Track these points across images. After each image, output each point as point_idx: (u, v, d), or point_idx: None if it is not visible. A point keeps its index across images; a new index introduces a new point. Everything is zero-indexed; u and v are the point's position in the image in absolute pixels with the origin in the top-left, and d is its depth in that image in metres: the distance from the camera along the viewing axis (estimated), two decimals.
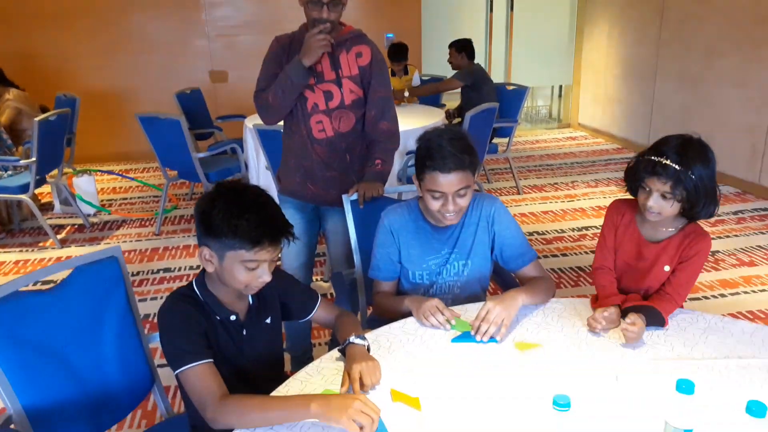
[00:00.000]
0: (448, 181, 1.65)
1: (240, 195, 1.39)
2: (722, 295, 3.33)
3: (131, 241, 4.34)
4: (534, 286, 1.74)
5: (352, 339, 1.45)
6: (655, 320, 1.55)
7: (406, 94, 5.20)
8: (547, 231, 4.25)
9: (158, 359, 1.97)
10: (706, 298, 3.31)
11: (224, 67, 6.76)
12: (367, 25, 6.82)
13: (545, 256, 3.89)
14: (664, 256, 1.66)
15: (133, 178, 5.95)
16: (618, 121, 6.99)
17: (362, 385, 1.32)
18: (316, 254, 2.61)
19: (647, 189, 1.58)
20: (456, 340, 1.53)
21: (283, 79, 2.17)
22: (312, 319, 1.66)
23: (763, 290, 3.37)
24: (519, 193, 5.15)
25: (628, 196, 1.73)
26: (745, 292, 3.36)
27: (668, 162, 1.52)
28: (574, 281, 3.53)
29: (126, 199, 5.37)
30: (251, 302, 1.52)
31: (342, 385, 1.34)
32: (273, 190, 4.12)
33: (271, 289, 1.50)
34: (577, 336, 1.54)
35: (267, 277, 1.41)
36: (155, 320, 3.13)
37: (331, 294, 3.27)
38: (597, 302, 1.67)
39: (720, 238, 4.12)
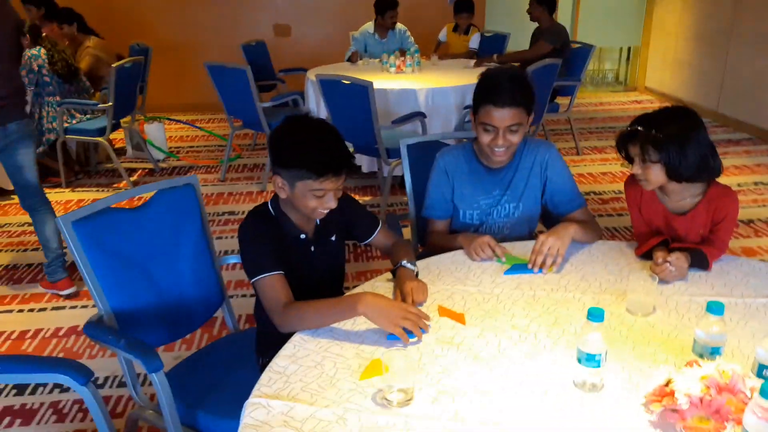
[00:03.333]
0: (500, 115, 1.72)
1: (308, 128, 1.51)
2: None
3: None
4: (584, 223, 1.80)
5: (404, 263, 1.58)
6: (700, 262, 1.59)
7: (495, 59, 4.96)
8: (604, 191, 4.23)
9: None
10: (764, 261, 3.26)
11: (288, 21, 6.87)
12: None
13: (601, 215, 3.89)
14: (694, 226, 1.68)
15: (200, 128, 6.20)
16: (687, 86, 6.75)
17: (412, 300, 1.44)
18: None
19: (631, 158, 1.64)
20: (509, 272, 1.62)
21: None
22: (373, 244, 1.79)
23: None
24: (578, 154, 5.11)
25: None
26: None
27: (637, 127, 1.60)
28: (629, 240, 3.53)
29: (193, 147, 5.63)
30: (318, 222, 1.66)
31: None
32: None
33: (338, 210, 1.61)
34: (620, 272, 1.61)
35: (333, 204, 1.53)
36: (222, 255, 3.35)
37: None
38: (640, 248, 1.71)
39: None
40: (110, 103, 4.28)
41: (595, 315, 1.10)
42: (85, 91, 4.63)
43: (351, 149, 3.99)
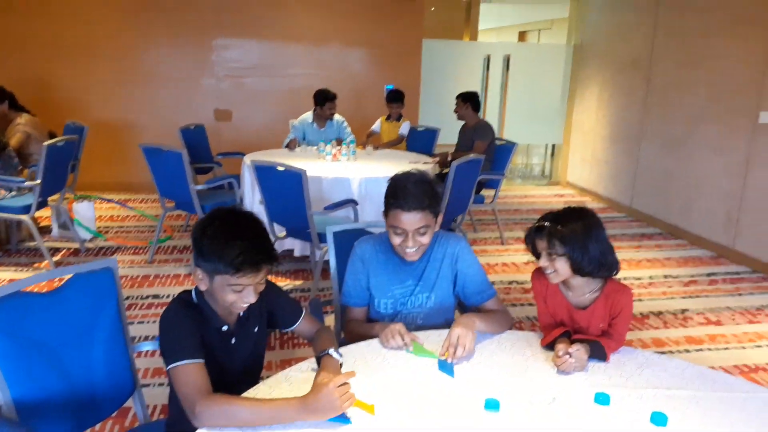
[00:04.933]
0: (408, 219, 1.82)
1: (230, 223, 1.53)
2: (687, 351, 3.47)
3: (123, 268, 4.47)
4: (490, 315, 1.90)
5: (331, 351, 1.60)
6: (599, 354, 1.70)
7: (450, 159, 5.18)
8: (526, 281, 4.41)
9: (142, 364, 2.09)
10: (671, 352, 3.45)
11: (229, 106, 7.03)
12: (372, 77, 7.22)
13: (522, 305, 4.03)
14: (594, 320, 1.80)
15: (131, 208, 6.12)
16: (604, 182, 7.25)
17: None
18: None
19: (538, 252, 1.78)
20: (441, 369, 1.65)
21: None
22: (295, 331, 1.80)
23: (727, 348, 3.51)
24: (503, 244, 5.33)
25: None
26: (709, 349, 3.50)
27: (544, 223, 1.75)
28: None
29: (123, 227, 5.53)
30: (241, 312, 1.67)
31: None
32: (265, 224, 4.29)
33: (260, 299, 1.63)
34: (525, 362, 1.69)
35: (252, 299, 1.55)
36: (141, 340, 3.25)
37: None
38: (545, 339, 1.81)
39: (691, 297, 4.28)
40: (38, 181, 4.20)
41: (492, 405, 1.16)
42: (13, 168, 4.54)
43: (283, 234, 4.05)
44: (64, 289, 1.72)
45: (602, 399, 1.20)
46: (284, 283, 4.27)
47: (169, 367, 1.48)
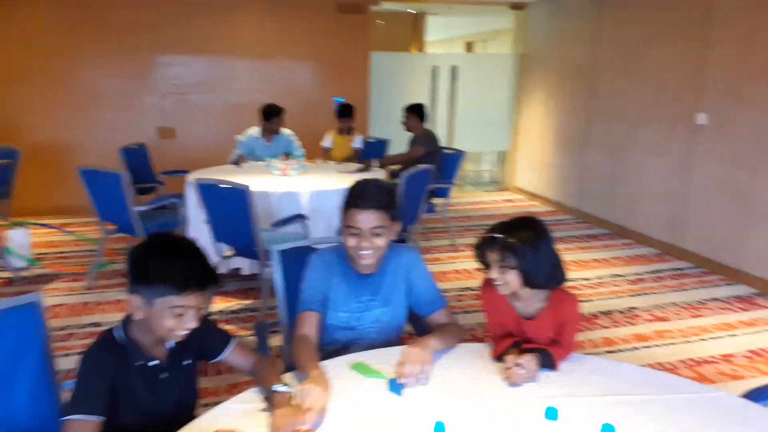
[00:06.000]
0: (364, 218, 1.79)
1: (170, 244, 1.49)
2: (636, 348, 3.52)
3: (61, 295, 4.26)
4: (443, 332, 1.86)
5: (278, 387, 1.50)
6: (549, 363, 1.68)
7: (376, 165, 5.19)
8: (478, 287, 4.41)
9: None
10: (621, 351, 3.50)
11: (173, 123, 6.86)
12: (320, 90, 7.17)
13: (475, 311, 4.03)
14: (542, 330, 1.79)
15: (69, 232, 5.86)
16: (552, 186, 7.37)
17: None
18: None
19: (489, 263, 1.75)
20: (390, 388, 1.59)
21: None
22: (226, 360, 1.71)
23: (673, 343, 3.59)
24: (455, 251, 5.33)
25: None
26: (657, 346, 3.56)
27: (495, 234, 1.72)
28: None
29: (61, 253, 5.29)
30: (171, 344, 1.58)
31: None
32: (209, 245, 4.16)
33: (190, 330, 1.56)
34: (476, 376, 1.66)
35: (193, 324, 1.48)
36: None
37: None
38: (495, 350, 1.78)
39: (638, 295, 4.36)
40: None
41: (550, 414, 1.13)
42: None
43: (231, 252, 3.94)
44: None
45: (551, 414, 1.17)
46: (232, 303, 4.15)
47: (61, 419, 1.40)
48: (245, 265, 4.36)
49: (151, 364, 1.54)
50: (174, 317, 1.45)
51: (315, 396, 1.46)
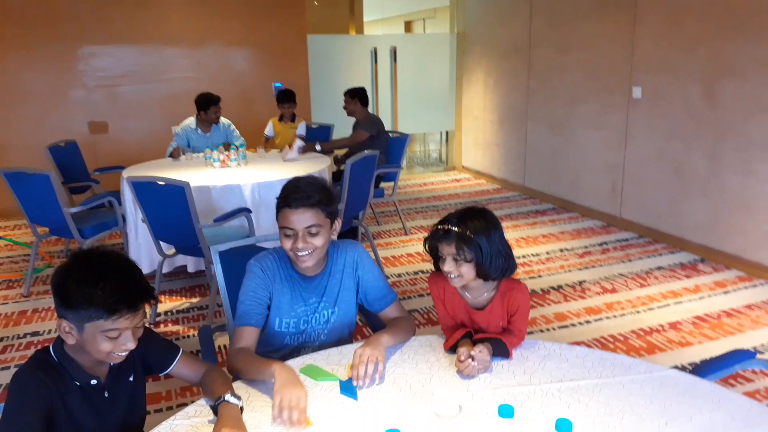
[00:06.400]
0: (297, 217, 1.72)
1: (95, 263, 1.36)
2: (587, 322, 3.60)
3: None
4: (395, 327, 1.82)
5: (228, 398, 1.42)
6: (502, 351, 1.66)
7: (318, 147, 5.23)
8: (431, 269, 4.41)
9: None
10: (573, 325, 3.56)
11: (105, 117, 6.54)
12: (257, 75, 6.97)
13: (429, 295, 4.02)
14: (493, 319, 1.78)
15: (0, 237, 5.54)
16: (497, 163, 7.44)
17: None
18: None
19: (442, 256, 1.71)
20: (342, 391, 1.54)
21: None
22: (173, 374, 1.62)
23: (623, 315, 3.68)
24: (406, 234, 5.32)
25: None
26: (608, 318, 3.64)
27: (450, 227, 1.68)
28: None
29: None
30: (112, 363, 1.48)
31: None
32: (150, 243, 4.00)
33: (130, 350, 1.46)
34: (429, 371, 1.63)
35: (132, 344, 1.38)
36: None
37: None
38: (447, 342, 1.75)
39: (586, 268, 4.45)
40: None
41: (505, 411, 1.10)
42: None
43: (172, 251, 3.79)
44: None
45: (506, 412, 1.15)
46: (180, 301, 4.01)
47: None
48: (190, 263, 4.22)
49: (92, 383, 1.44)
50: (108, 340, 1.35)
51: (291, 396, 1.41)
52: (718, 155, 4.43)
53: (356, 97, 5.44)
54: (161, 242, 3.74)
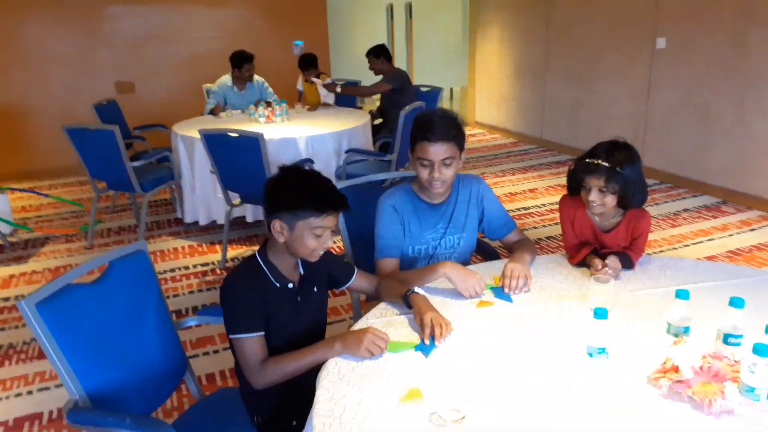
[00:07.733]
0: (434, 149, 1.90)
1: (304, 174, 1.64)
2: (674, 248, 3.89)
3: (63, 257, 4.19)
4: (527, 248, 2.04)
5: (416, 289, 1.69)
6: (627, 263, 1.90)
7: (338, 89, 5.31)
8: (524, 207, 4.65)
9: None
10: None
11: (130, 78, 6.59)
12: (277, 32, 7.02)
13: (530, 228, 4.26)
14: (617, 240, 1.99)
15: (47, 195, 5.63)
16: (513, 118, 7.63)
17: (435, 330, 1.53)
18: None
19: (587, 187, 1.90)
20: (497, 295, 1.78)
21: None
22: (352, 288, 1.87)
23: (662, 251, 3.97)
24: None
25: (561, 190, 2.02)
26: (648, 255, 3.91)
27: (600, 162, 1.85)
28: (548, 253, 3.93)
29: (41, 216, 5.12)
30: (302, 272, 1.71)
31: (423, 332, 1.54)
32: (207, 197, 4.20)
33: (317, 261, 1.68)
34: (565, 279, 1.87)
35: (330, 242, 1.64)
36: None
37: None
38: (574, 258, 1.99)
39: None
40: None
41: (600, 313, 1.30)
42: None
43: (238, 201, 3.97)
44: (107, 278, 1.65)
45: (683, 295, 1.35)
46: (242, 249, 4.21)
47: (231, 337, 1.60)
48: (249, 213, 4.40)
49: (289, 286, 1.67)
50: (314, 237, 1.59)
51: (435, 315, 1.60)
52: (745, 101, 4.66)
53: (380, 55, 5.41)
54: (228, 192, 3.91)
